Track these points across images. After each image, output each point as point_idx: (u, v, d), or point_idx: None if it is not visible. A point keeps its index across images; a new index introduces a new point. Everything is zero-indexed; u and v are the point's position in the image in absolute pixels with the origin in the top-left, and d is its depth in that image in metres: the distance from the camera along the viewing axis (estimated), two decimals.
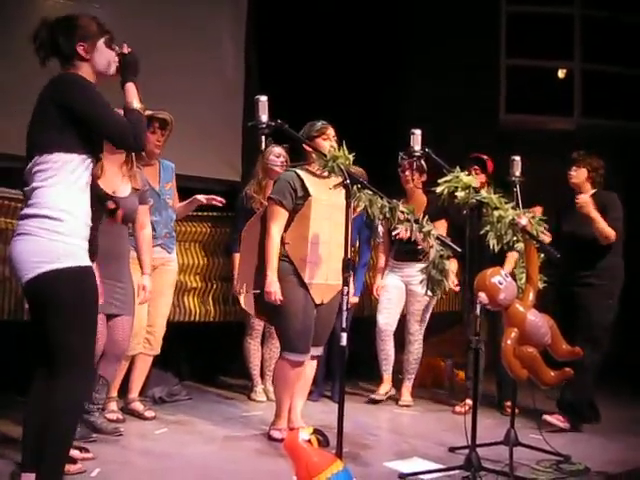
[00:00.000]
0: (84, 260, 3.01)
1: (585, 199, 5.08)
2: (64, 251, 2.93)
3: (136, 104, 3.13)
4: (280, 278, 4.46)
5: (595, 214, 5.06)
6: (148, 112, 4.89)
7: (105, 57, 3.14)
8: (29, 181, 3.00)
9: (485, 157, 5.77)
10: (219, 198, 5.21)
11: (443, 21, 8.05)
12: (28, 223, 2.94)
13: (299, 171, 4.56)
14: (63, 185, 2.96)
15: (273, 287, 4.43)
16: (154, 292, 4.91)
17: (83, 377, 3.06)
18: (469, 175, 5.38)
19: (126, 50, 3.19)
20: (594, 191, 5.32)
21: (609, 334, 5.26)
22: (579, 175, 5.34)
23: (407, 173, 5.91)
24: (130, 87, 3.18)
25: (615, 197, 5.31)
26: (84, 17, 3.13)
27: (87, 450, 3.96)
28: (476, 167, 5.69)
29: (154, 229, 4.93)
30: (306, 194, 4.48)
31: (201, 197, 5.20)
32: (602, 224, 5.08)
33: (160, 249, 5.06)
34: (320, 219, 4.46)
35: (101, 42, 3.12)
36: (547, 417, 5.07)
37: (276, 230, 4.49)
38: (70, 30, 3.07)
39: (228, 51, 7.21)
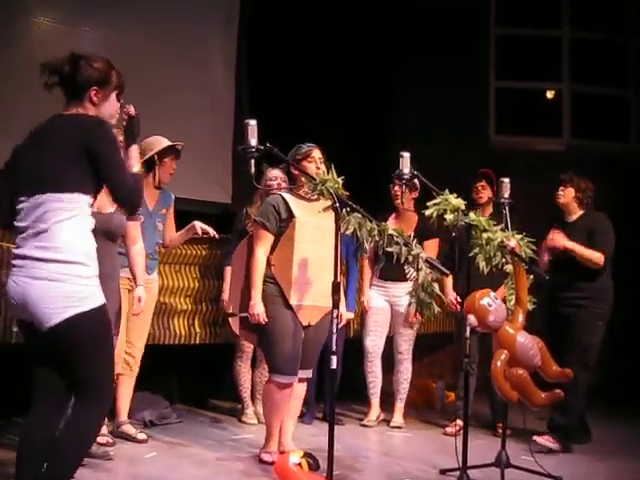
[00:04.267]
0: (102, 298, 3.06)
1: (557, 238, 5.11)
2: (88, 294, 2.97)
3: (136, 168, 3.21)
4: (267, 300, 4.45)
5: (573, 246, 5.09)
6: (172, 143, 5.10)
7: (112, 109, 3.19)
8: (38, 217, 2.96)
9: (491, 173, 5.80)
10: (213, 232, 5.18)
11: (433, 43, 8.09)
12: (46, 267, 2.91)
13: (285, 194, 4.58)
14: (79, 227, 2.98)
15: (257, 309, 4.43)
16: (131, 314, 4.90)
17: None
18: (477, 190, 5.71)
19: (133, 112, 3.28)
20: (583, 212, 5.35)
21: (597, 355, 5.24)
22: (566, 195, 5.36)
23: (396, 189, 5.83)
24: (133, 150, 3.26)
25: (605, 218, 5.32)
26: (106, 63, 3.16)
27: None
28: (483, 183, 5.75)
29: None
30: (290, 216, 4.48)
31: (198, 225, 5.15)
32: (585, 253, 5.10)
33: None
34: (305, 241, 4.44)
35: (114, 94, 3.17)
36: (537, 438, 5.03)
37: (261, 252, 4.49)
38: (90, 73, 3.09)
39: (219, 70, 7.23)
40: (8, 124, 5.34)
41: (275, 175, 5.52)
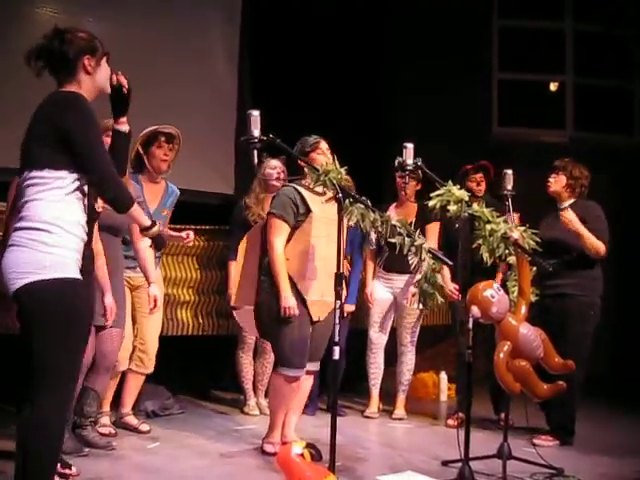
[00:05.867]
0: (73, 272, 2.95)
1: (569, 215, 4.95)
2: (50, 262, 2.89)
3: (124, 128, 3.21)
4: (278, 294, 4.41)
5: (582, 230, 4.94)
6: (153, 127, 4.94)
7: (106, 74, 3.16)
8: (21, 195, 2.99)
9: (488, 164, 5.78)
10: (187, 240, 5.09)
11: (433, 43, 8.08)
12: (17, 235, 2.93)
13: (298, 187, 4.53)
14: (51, 198, 2.94)
15: (289, 302, 4.36)
16: (142, 311, 4.92)
17: (65, 395, 2.99)
18: (474, 182, 5.70)
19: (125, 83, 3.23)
20: (573, 201, 5.21)
21: (591, 346, 5.14)
22: (557, 182, 5.24)
23: (399, 180, 5.78)
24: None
25: (597, 207, 5.18)
26: (88, 32, 3.14)
27: (70, 467, 3.87)
28: (481, 175, 5.74)
29: None
30: (307, 210, 4.46)
31: (189, 235, 5.06)
32: (591, 239, 4.96)
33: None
34: (319, 236, 4.43)
35: (104, 60, 3.15)
36: (536, 440, 4.91)
37: (280, 245, 4.43)
38: (79, 43, 3.07)
39: (221, 63, 7.23)
40: (11, 111, 5.37)
41: (275, 165, 5.52)
